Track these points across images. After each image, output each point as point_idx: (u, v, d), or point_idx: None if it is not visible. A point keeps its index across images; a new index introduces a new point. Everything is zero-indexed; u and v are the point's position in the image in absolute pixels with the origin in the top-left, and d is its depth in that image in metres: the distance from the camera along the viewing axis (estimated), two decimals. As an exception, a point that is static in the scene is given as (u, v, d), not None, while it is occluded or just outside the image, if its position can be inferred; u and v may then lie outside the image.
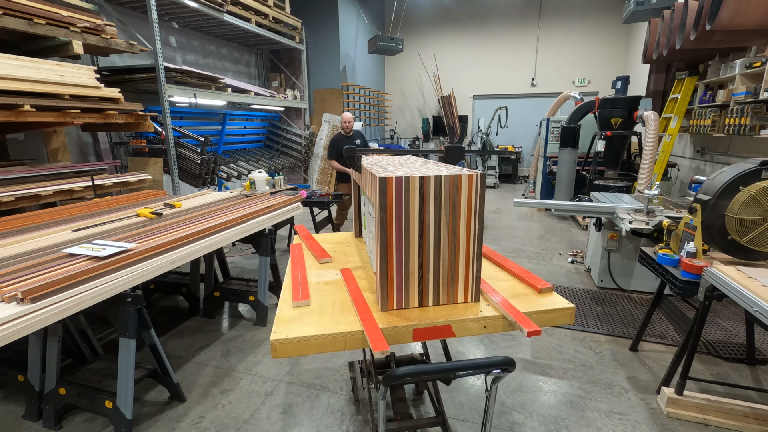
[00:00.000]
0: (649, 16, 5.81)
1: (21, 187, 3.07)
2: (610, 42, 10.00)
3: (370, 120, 10.42)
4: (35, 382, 2.21)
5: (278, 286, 3.54)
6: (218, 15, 5.53)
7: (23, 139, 4.12)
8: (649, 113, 5.10)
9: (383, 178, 1.23)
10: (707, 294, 1.99)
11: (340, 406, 2.33)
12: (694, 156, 6.06)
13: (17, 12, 3.03)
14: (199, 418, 2.25)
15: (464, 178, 1.29)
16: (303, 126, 8.42)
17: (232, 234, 2.82)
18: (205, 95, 5.23)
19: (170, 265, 2.25)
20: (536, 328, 1.21)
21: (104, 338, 3.04)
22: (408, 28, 11.08)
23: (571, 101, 7.46)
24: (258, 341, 3.03)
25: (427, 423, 1.95)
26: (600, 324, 3.21)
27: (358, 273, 1.69)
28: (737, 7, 3.41)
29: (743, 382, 2.51)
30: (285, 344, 1.19)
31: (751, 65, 4.18)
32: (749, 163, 2.08)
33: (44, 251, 2.08)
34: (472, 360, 1.27)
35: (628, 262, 3.76)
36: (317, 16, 8.64)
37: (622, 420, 2.21)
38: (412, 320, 1.28)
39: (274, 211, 3.37)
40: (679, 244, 2.40)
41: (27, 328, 1.57)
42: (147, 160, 4.82)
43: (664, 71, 6.91)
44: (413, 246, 1.31)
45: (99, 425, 2.20)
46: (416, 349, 2.81)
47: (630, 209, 3.28)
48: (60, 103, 3.10)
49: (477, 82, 11.27)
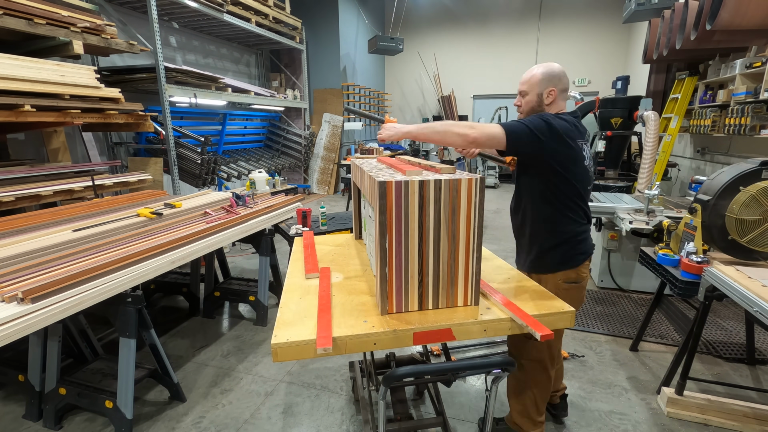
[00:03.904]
0: (649, 16, 5.80)
1: (21, 187, 3.07)
2: (610, 42, 9.99)
3: (370, 120, 10.41)
4: (35, 382, 2.21)
5: (278, 286, 3.54)
6: (218, 15, 5.53)
7: (23, 139, 4.12)
8: (649, 113, 5.09)
9: (383, 182, 1.23)
10: (707, 294, 1.99)
11: (341, 406, 2.33)
12: (695, 156, 6.06)
13: (17, 12, 3.03)
14: (200, 418, 2.25)
15: (464, 182, 1.29)
16: (303, 126, 8.43)
17: (232, 234, 2.82)
18: (205, 95, 5.23)
19: (170, 265, 2.25)
20: (549, 332, 1.20)
21: (104, 338, 3.04)
22: (408, 28, 11.07)
23: (571, 101, 7.45)
24: (258, 341, 3.03)
25: (428, 423, 1.95)
26: (600, 324, 3.22)
27: (356, 278, 1.69)
28: (737, 7, 3.40)
29: (743, 382, 2.52)
30: (286, 348, 1.18)
31: (751, 65, 4.18)
32: (749, 163, 2.07)
33: (44, 251, 2.08)
34: (472, 360, 1.27)
35: (628, 262, 3.76)
36: (317, 16, 8.63)
37: (623, 420, 2.21)
38: (413, 324, 1.28)
39: (274, 211, 3.37)
40: (679, 244, 2.40)
41: (27, 328, 1.57)
42: (147, 160, 4.82)
43: (664, 71, 6.90)
44: (413, 250, 1.31)
45: (99, 425, 2.20)
46: (417, 348, 2.81)
47: (630, 209, 3.28)
48: (60, 103, 3.10)
49: (477, 82, 11.26)
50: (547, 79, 1.71)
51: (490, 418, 1.44)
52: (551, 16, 10.30)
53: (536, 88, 1.73)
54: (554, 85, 1.70)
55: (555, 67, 1.72)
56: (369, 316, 1.33)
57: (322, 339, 1.16)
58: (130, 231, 2.53)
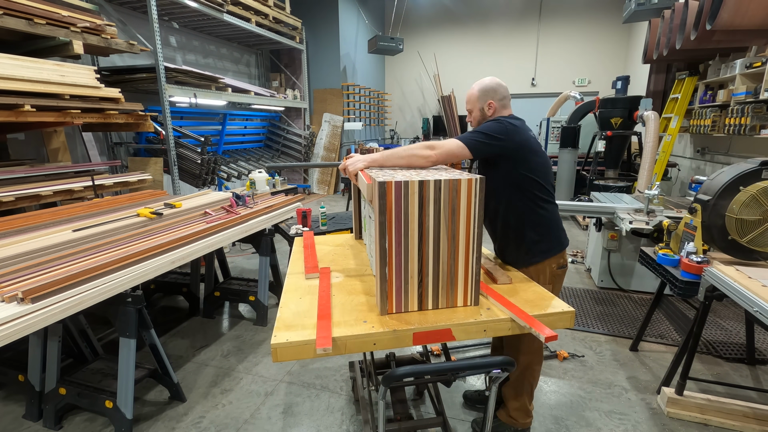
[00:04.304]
0: (649, 16, 5.80)
1: (21, 187, 3.07)
2: (610, 42, 9.99)
3: (370, 120, 10.42)
4: (35, 382, 2.21)
5: (278, 286, 3.54)
6: (218, 15, 5.53)
7: (23, 139, 4.12)
8: (649, 113, 5.09)
9: (382, 183, 1.23)
10: (707, 294, 1.99)
11: (341, 406, 2.33)
12: (695, 156, 6.06)
13: (17, 12, 3.03)
14: (200, 417, 2.25)
15: (463, 182, 1.29)
16: (303, 126, 8.43)
17: (232, 234, 2.82)
18: (205, 95, 5.23)
19: (170, 265, 2.25)
20: (553, 333, 1.20)
21: (104, 338, 3.04)
22: (408, 28, 11.07)
23: (571, 101, 7.45)
24: (258, 341, 3.03)
25: (428, 423, 1.95)
26: (600, 324, 3.22)
27: (356, 278, 1.69)
28: (737, 7, 3.40)
29: (743, 382, 2.52)
30: (285, 348, 1.18)
31: (751, 65, 4.18)
32: (749, 163, 2.07)
33: (44, 251, 2.08)
34: (472, 360, 1.27)
35: (628, 262, 3.75)
36: (317, 16, 8.63)
37: (623, 420, 2.21)
38: (412, 324, 1.28)
39: (274, 211, 3.37)
40: (679, 244, 2.40)
41: (27, 328, 1.57)
42: (147, 160, 4.82)
43: (664, 71, 6.90)
44: (412, 250, 1.31)
45: (99, 425, 2.20)
46: (417, 348, 2.81)
47: (630, 209, 3.28)
48: (60, 103, 3.10)
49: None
50: (483, 95, 1.84)
51: (490, 418, 1.44)
52: (551, 16, 10.29)
53: (477, 104, 1.87)
54: (491, 97, 1.83)
55: (488, 82, 1.85)
56: (369, 317, 1.33)
57: (321, 339, 1.16)
58: (130, 231, 2.53)
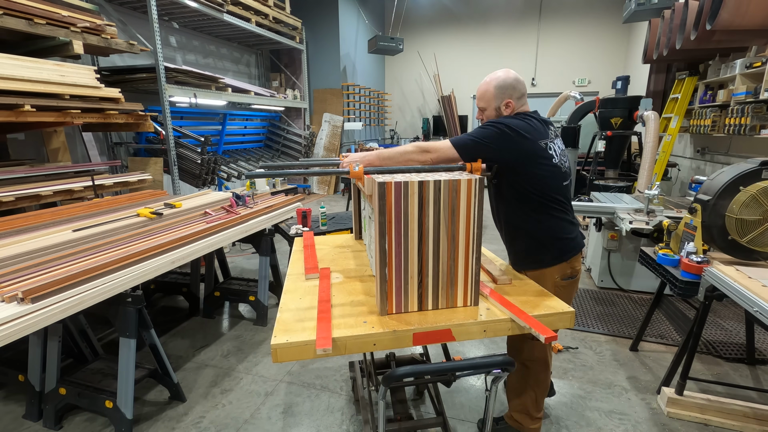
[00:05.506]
0: (649, 16, 5.80)
1: (21, 187, 3.07)
2: (610, 42, 9.98)
3: (370, 120, 10.42)
4: (35, 382, 2.21)
5: (278, 286, 3.54)
6: (218, 15, 5.52)
7: (23, 139, 4.12)
8: (649, 113, 5.09)
9: (382, 183, 1.23)
10: (707, 294, 1.99)
11: (341, 406, 2.33)
12: (695, 156, 6.05)
13: (17, 12, 3.02)
14: (200, 417, 2.25)
15: (463, 182, 1.29)
16: (303, 126, 8.42)
17: (232, 234, 2.82)
18: (205, 95, 5.23)
19: (170, 265, 2.25)
20: (553, 334, 1.20)
21: (104, 338, 3.04)
22: (408, 28, 11.07)
23: (571, 101, 7.44)
24: (258, 341, 3.03)
25: (428, 423, 1.95)
26: (600, 324, 3.21)
27: (356, 278, 1.69)
28: (737, 7, 3.40)
29: (743, 382, 2.52)
30: (285, 348, 1.18)
31: (751, 65, 4.18)
32: (749, 163, 2.07)
33: (44, 251, 2.08)
34: (472, 360, 1.27)
35: (628, 262, 3.75)
36: (317, 16, 8.63)
37: (623, 420, 2.21)
38: (412, 324, 1.28)
39: (274, 211, 3.37)
40: (679, 244, 2.40)
41: (27, 328, 1.57)
42: (147, 160, 4.82)
43: (664, 71, 6.89)
44: (412, 250, 1.31)
45: (99, 425, 2.20)
46: (417, 348, 2.81)
47: (630, 209, 3.28)
48: (60, 103, 3.10)
49: (477, 82, 11.04)
50: (500, 92, 1.66)
51: (490, 418, 1.44)
52: (551, 16, 10.29)
53: (493, 102, 1.69)
54: (509, 96, 1.66)
55: (507, 76, 1.66)
56: (369, 317, 1.33)
57: (321, 340, 1.16)
58: (130, 231, 2.53)
